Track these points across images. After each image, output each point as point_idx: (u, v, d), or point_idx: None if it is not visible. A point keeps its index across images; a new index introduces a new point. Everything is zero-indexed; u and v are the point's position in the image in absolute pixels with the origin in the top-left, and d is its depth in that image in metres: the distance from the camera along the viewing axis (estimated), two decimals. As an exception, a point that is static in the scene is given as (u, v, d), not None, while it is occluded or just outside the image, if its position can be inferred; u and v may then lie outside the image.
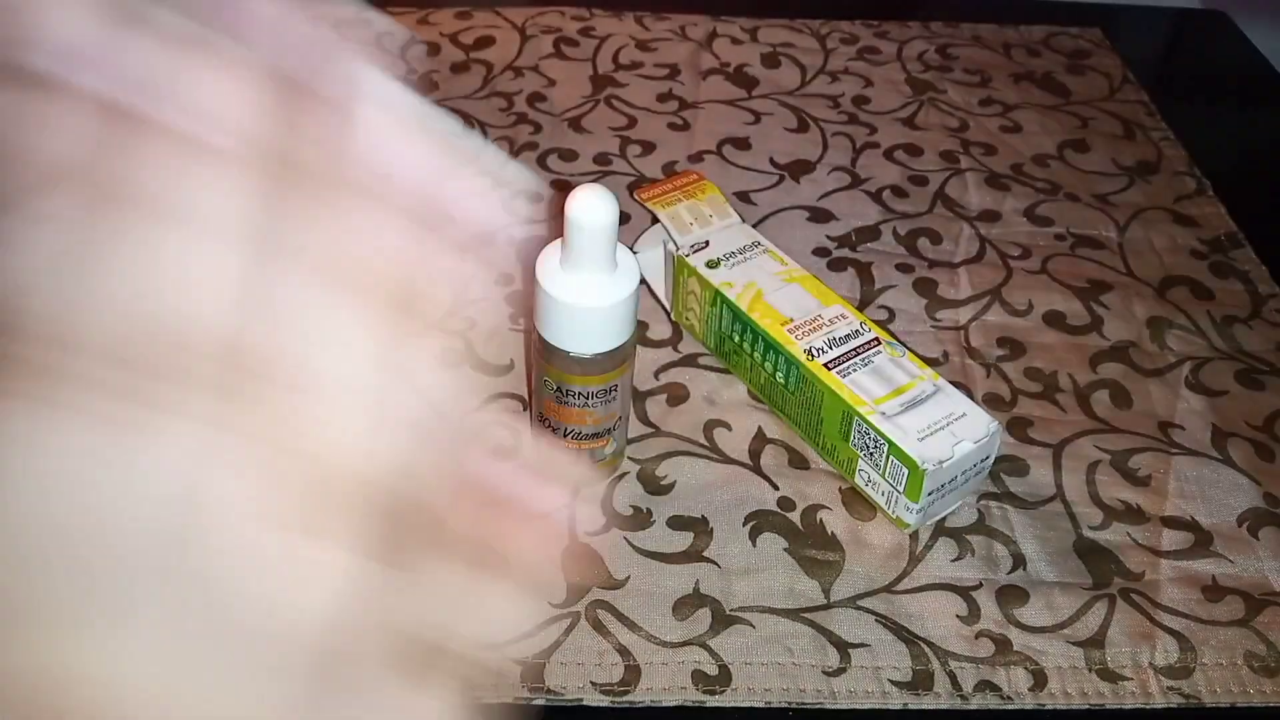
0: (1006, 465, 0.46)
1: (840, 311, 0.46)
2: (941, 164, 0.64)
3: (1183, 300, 0.55)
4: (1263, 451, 0.48)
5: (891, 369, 0.44)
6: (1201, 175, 0.64)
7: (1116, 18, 0.81)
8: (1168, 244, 0.59)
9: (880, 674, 0.39)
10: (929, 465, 0.40)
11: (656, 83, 0.69)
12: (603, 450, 0.43)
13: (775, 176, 0.62)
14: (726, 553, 0.42)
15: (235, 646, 0.14)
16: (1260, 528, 0.45)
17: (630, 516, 0.43)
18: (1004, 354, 0.52)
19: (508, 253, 0.16)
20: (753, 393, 0.48)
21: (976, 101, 0.70)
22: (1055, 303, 0.55)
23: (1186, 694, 0.39)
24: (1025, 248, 0.58)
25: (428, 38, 0.73)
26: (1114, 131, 0.68)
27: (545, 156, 0.62)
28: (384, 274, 0.15)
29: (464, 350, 0.50)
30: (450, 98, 0.67)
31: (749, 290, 0.47)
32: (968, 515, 0.44)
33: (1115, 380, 0.51)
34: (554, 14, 0.76)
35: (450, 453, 0.16)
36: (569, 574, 0.41)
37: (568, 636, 0.39)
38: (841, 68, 0.72)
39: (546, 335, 0.40)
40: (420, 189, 0.17)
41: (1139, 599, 0.42)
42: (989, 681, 0.39)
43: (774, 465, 0.46)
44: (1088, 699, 0.39)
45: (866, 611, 0.41)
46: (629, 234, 0.56)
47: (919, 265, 0.56)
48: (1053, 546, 0.43)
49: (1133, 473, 0.46)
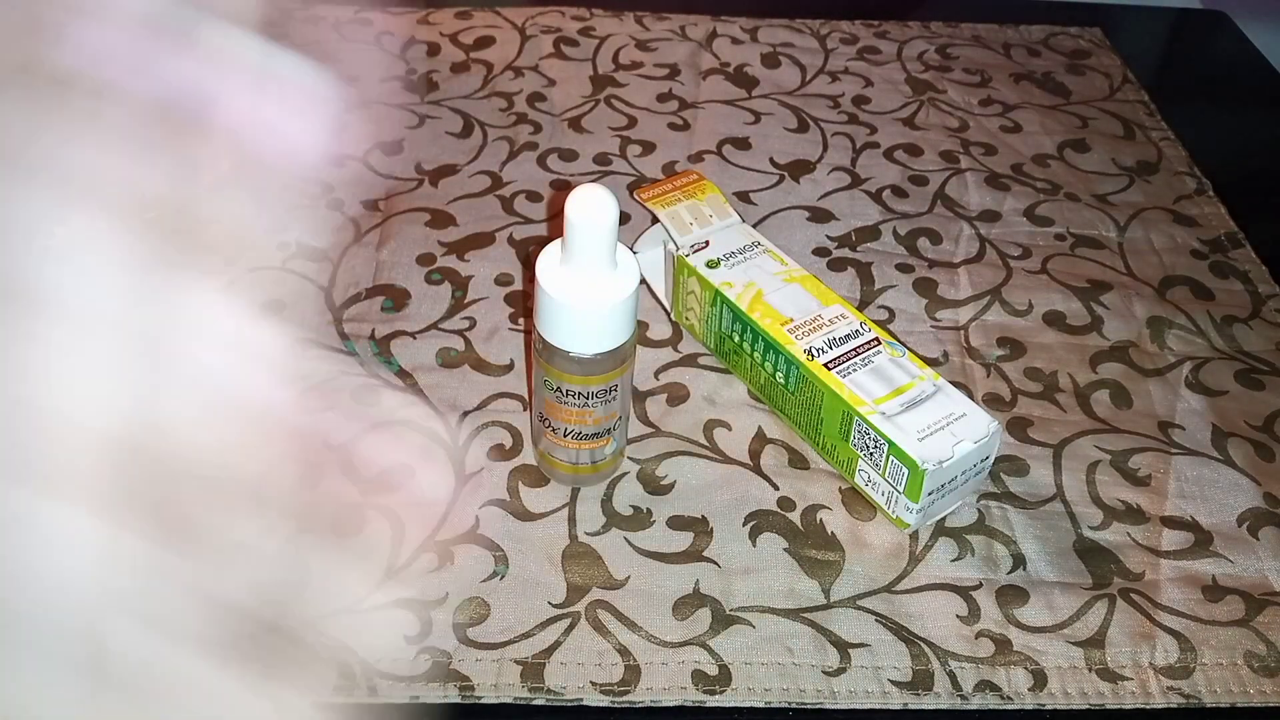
0: (1006, 465, 0.46)
1: (840, 311, 0.46)
2: (941, 164, 0.64)
3: (1183, 300, 0.55)
4: (1263, 451, 0.48)
5: (891, 369, 0.44)
6: (1201, 175, 0.64)
7: (1116, 17, 0.81)
8: (1168, 244, 0.59)
9: (880, 674, 0.39)
10: (929, 465, 0.40)
11: (656, 83, 0.69)
12: (603, 450, 0.43)
13: (775, 176, 0.62)
14: (726, 553, 0.42)
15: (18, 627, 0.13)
16: (1260, 528, 0.45)
17: (630, 516, 0.43)
18: (1004, 354, 0.52)
19: (327, 169, 0.15)
20: (753, 393, 0.48)
21: (976, 101, 0.70)
22: (1055, 303, 0.55)
23: (1187, 694, 0.39)
24: (1025, 248, 0.58)
25: (428, 38, 0.73)
26: (1114, 131, 0.68)
27: (545, 156, 0.62)
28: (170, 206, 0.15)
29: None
30: (450, 98, 0.67)
31: (749, 290, 0.47)
32: (968, 515, 0.44)
33: (1115, 380, 0.51)
34: (554, 14, 0.76)
35: (263, 407, 0.15)
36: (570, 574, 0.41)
37: (568, 636, 0.39)
38: (841, 68, 0.72)
39: (546, 335, 0.40)
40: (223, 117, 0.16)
41: (1139, 599, 0.42)
42: (989, 681, 0.39)
43: (774, 465, 0.46)
44: (1088, 699, 0.39)
45: (866, 611, 0.41)
46: (629, 234, 0.56)
47: (919, 265, 0.56)
48: (1053, 546, 0.43)
49: (1133, 473, 0.46)
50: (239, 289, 0.15)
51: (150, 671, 0.14)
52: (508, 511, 0.43)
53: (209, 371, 0.15)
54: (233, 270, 0.16)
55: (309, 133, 0.16)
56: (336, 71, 0.17)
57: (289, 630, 0.15)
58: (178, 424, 0.14)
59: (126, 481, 0.14)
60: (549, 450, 0.43)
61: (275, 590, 0.15)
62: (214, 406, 0.15)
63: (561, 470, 0.44)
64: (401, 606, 0.40)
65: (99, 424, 0.14)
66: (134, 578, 0.14)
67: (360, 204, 0.58)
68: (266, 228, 0.15)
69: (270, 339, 0.15)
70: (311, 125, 0.16)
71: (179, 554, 0.14)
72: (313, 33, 0.73)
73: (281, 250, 0.55)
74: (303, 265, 0.54)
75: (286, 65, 0.16)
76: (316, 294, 0.52)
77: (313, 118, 0.16)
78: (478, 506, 0.43)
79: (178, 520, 0.14)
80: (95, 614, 0.13)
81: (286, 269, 0.54)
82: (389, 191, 0.59)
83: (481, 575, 0.41)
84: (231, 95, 0.16)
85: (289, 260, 0.54)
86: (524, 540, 0.42)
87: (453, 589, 0.40)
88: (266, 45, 0.16)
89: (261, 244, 0.16)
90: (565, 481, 0.44)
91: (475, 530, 0.42)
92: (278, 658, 0.15)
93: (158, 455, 0.14)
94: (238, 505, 0.15)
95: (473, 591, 0.40)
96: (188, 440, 0.14)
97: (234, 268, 0.16)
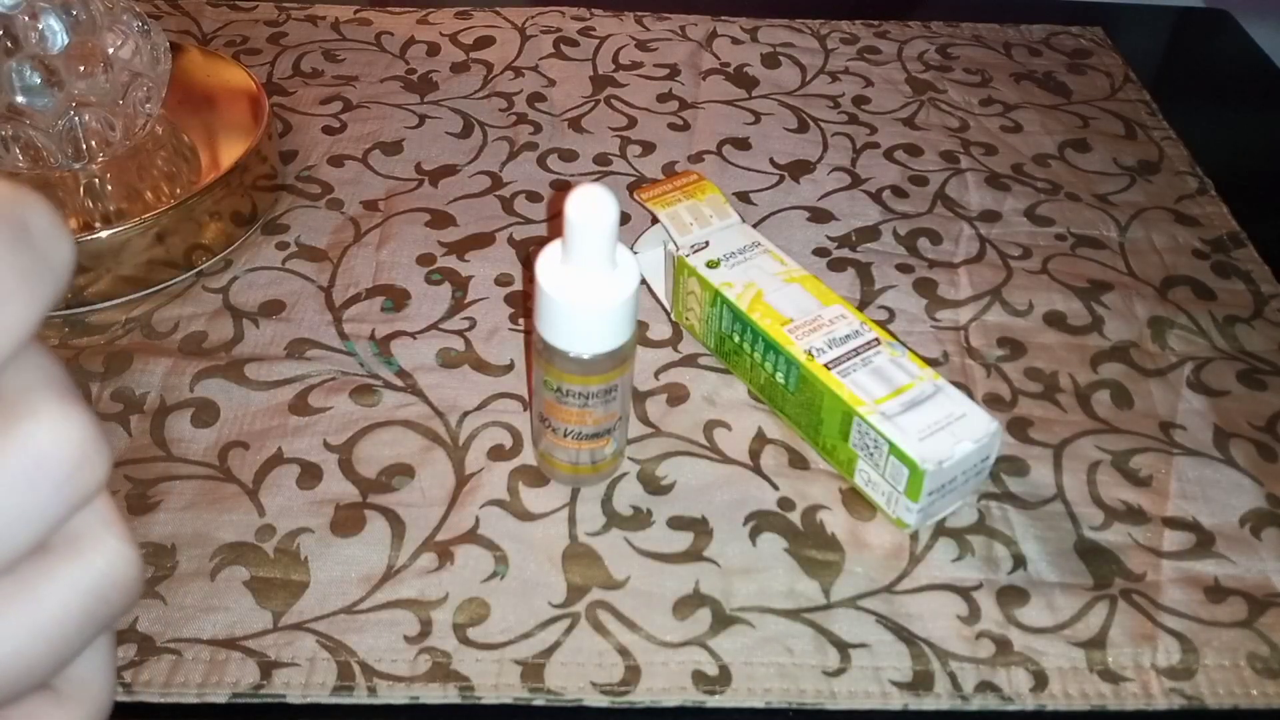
0: (1007, 465, 0.46)
1: (840, 311, 0.46)
2: (941, 164, 0.64)
3: (1184, 300, 0.55)
4: (1265, 452, 0.48)
5: (891, 369, 0.44)
6: (1203, 175, 0.64)
7: (1118, 16, 0.81)
8: (1169, 244, 0.59)
9: (880, 674, 0.39)
10: (929, 465, 0.40)
11: (656, 83, 0.69)
12: (603, 450, 0.43)
13: (775, 176, 0.62)
14: (726, 553, 0.42)
15: None
16: (1263, 528, 0.45)
17: (630, 517, 0.43)
18: (1004, 354, 0.52)
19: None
20: (753, 393, 0.48)
21: (977, 101, 0.70)
22: (1056, 303, 0.54)
23: (1189, 695, 0.39)
24: (1026, 248, 0.58)
25: (428, 38, 0.72)
26: (1115, 131, 0.68)
27: (545, 156, 0.62)
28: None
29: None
30: (450, 97, 0.67)
31: (749, 290, 0.47)
32: (968, 515, 0.44)
33: (1116, 380, 0.51)
34: (554, 14, 0.76)
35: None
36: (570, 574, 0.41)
37: (568, 637, 0.39)
38: (841, 68, 0.72)
39: (546, 335, 0.39)
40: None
41: (1140, 600, 0.42)
42: (989, 682, 0.39)
43: (774, 465, 0.46)
44: (1089, 700, 0.39)
45: (866, 612, 0.41)
46: (629, 234, 0.56)
47: (919, 265, 0.56)
48: (1053, 547, 0.43)
49: (1134, 473, 0.46)
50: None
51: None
52: (508, 511, 0.43)
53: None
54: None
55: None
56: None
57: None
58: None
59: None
60: (549, 450, 0.43)
61: None
62: None
63: (561, 470, 0.44)
64: (401, 606, 0.40)
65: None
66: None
67: (360, 204, 0.58)
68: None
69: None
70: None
71: None
72: (313, 33, 0.73)
73: (281, 250, 0.55)
74: (303, 265, 0.54)
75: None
76: (316, 294, 0.52)
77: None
78: (478, 506, 0.43)
79: None
80: None
81: (286, 269, 0.54)
82: (389, 191, 0.59)
83: (481, 575, 0.41)
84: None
85: (289, 260, 0.54)
86: (524, 540, 0.42)
87: (453, 589, 0.40)
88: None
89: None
90: (565, 481, 0.44)
91: (475, 530, 0.42)
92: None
93: None
94: None
95: (473, 591, 0.40)
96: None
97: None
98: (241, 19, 0.74)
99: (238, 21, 0.74)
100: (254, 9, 0.75)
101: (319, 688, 0.37)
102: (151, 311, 0.51)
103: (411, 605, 0.40)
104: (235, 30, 0.73)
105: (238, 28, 0.73)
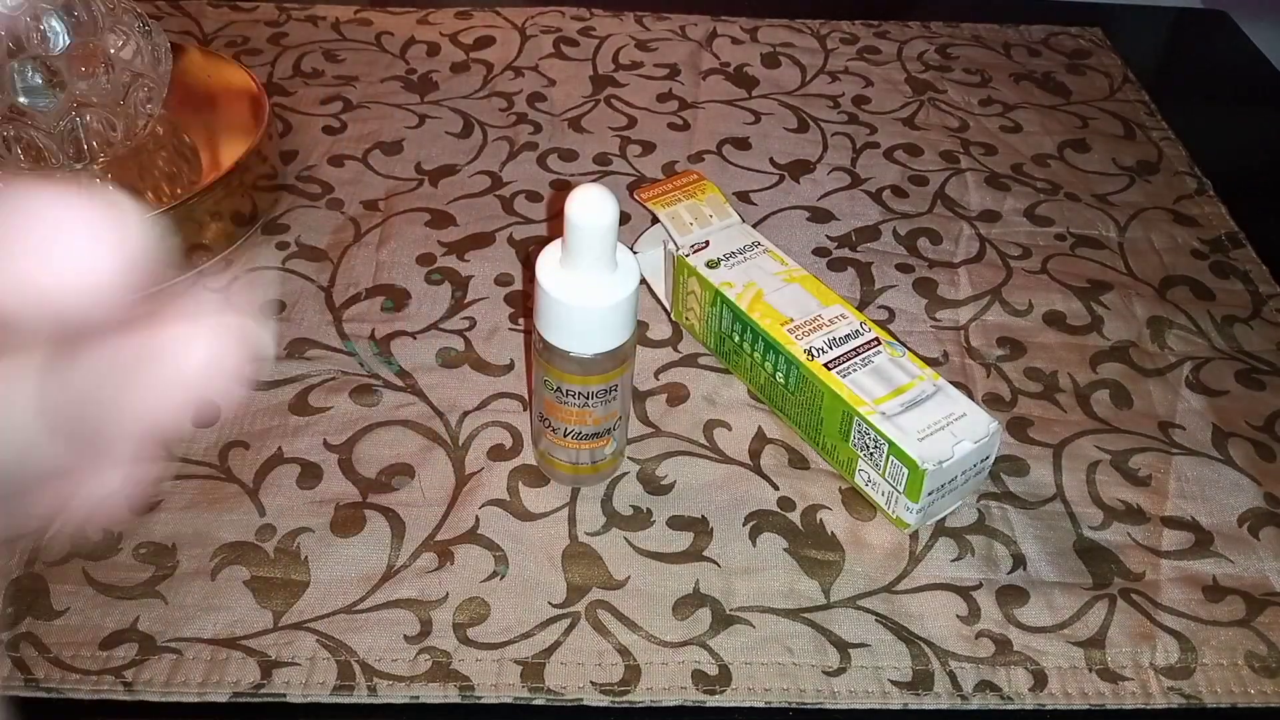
0: (1006, 465, 0.46)
1: (840, 311, 0.46)
2: (941, 164, 0.64)
3: (1183, 300, 0.55)
4: (1263, 451, 0.48)
5: (891, 369, 0.44)
6: (1202, 175, 0.64)
7: (1117, 17, 0.81)
8: (1168, 244, 0.59)
9: (880, 674, 0.39)
10: (929, 465, 0.40)
11: (656, 83, 0.69)
12: (603, 450, 0.43)
13: (775, 176, 0.62)
14: (726, 553, 0.42)
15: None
16: (1261, 528, 0.45)
17: (630, 516, 0.43)
18: (1004, 354, 0.52)
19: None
20: (753, 393, 0.48)
21: (976, 101, 0.70)
22: (1055, 303, 0.54)
23: (1187, 694, 0.39)
24: (1025, 248, 0.58)
25: (428, 38, 0.73)
26: (1114, 131, 0.68)
27: (545, 156, 0.62)
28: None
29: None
30: (450, 97, 0.67)
31: (749, 290, 0.47)
32: (968, 515, 0.44)
33: (1115, 380, 0.51)
34: (554, 14, 0.76)
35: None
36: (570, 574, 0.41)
37: (568, 636, 0.39)
38: (841, 68, 0.72)
39: (546, 335, 0.40)
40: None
41: (1139, 599, 0.42)
42: (989, 682, 0.39)
43: (774, 465, 0.46)
44: (1088, 699, 0.39)
45: (866, 611, 0.41)
46: (629, 234, 0.56)
47: (919, 265, 0.56)
48: (1053, 546, 0.43)
49: (1133, 473, 0.46)
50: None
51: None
52: (508, 511, 0.43)
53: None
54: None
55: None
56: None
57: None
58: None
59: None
60: (549, 450, 0.43)
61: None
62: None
63: (561, 470, 0.44)
64: (401, 606, 0.40)
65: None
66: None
67: (360, 204, 0.58)
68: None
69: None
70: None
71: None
72: (313, 33, 0.73)
73: (281, 250, 0.55)
74: (303, 265, 0.54)
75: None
76: (316, 294, 0.52)
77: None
78: (478, 506, 0.43)
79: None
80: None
81: (286, 269, 0.54)
82: (389, 191, 0.59)
83: (481, 575, 0.41)
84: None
85: (289, 260, 0.54)
86: (524, 540, 0.42)
87: (453, 589, 0.40)
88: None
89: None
90: (565, 481, 0.44)
91: (475, 530, 0.42)
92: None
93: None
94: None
95: (473, 591, 0.40)
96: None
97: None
98: (242, 19, 0.74)
99: (238, 22, 0.74)
100: (255, 9, 0.75)
101: (319, 687, 0.37)
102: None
103: (411, 605, 0.40)
104: (236, 30, 0.73)
105: (238, 28, 0.73)
